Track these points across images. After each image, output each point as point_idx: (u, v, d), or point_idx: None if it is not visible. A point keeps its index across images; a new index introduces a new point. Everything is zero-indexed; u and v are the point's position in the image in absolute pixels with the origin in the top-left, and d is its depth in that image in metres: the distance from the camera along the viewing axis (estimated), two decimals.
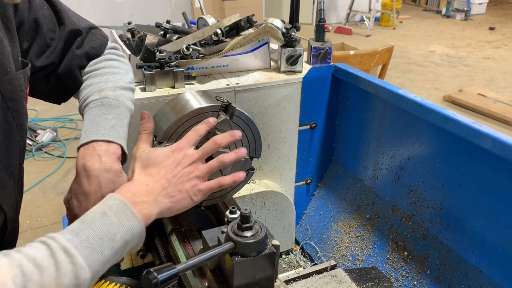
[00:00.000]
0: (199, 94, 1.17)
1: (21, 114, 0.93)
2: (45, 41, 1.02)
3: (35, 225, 2.92)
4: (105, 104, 1.01)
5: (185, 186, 0.86)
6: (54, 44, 1.04)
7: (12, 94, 0.89)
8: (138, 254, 1.43)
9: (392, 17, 8.55)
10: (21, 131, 0.94)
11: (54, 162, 3.68)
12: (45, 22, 1.02)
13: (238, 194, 1.47)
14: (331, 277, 1.16)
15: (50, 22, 1.04)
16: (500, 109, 4.57)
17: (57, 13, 1.05)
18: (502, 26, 8.98)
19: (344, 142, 1.74)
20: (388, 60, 3.02)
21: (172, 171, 0.86)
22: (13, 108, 0.90)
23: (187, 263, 0.77)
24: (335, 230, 1.70)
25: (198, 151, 0.91)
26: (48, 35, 1.03)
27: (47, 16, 1.03)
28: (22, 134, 0.95)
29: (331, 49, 1.59)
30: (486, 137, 1.12)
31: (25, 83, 0.94)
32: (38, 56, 1.02)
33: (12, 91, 0.89)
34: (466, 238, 1.27)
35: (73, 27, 1.07)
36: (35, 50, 1.01)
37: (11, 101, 0.89)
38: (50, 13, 1.05)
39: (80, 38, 1.09)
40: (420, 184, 1.41)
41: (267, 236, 0.83)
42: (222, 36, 1.50)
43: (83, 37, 1.09)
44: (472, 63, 6.50)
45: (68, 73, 1.07)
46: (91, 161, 0.92)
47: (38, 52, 1.02)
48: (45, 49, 1.03)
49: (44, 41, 1.02)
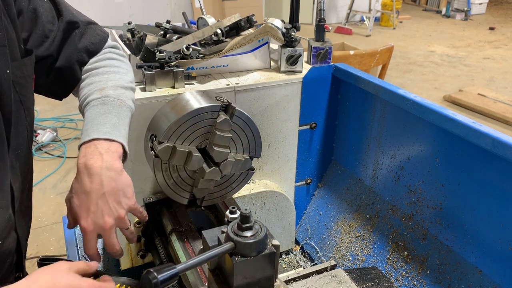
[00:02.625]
0: (199, 94, 1.17)
1: (29, 99, 0.94)
2: (43, 32, 1.03)
3: (35, 225, 2.92)
4: (106, 103, 1.01)
5: None
6: (52, 36, 1.04)
7: (20, 79, 0.90)
8: (138, 254, 1.43)
9: (392, 17, 8.55)
10: (28, 115, 0.95)
11: (54, 162, 3.68)
12: (44, 14, 1.03)
13: (238, 194, 1.47)
14: (331, 277, 1.16)
15: (49, 15, 1.04)
16: (500, 109, 4.57)
17: (57, 6, 1.06)
18: (502, 26, 8.98)
19: (344, 142, 1.74)
20: (388, 60, 3.02)
21: None
22: (21, 93, 0.91)
23: (187, 263, 0.77)
24: (335, 230, 1.70)
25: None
26: (46, 26, 1.03)
27: (47, 8, 1.04)
28: (30, 118, 0.96)
29: (331, 49, 1.59)
30: (486, 137, 1.12)
31: (32, 69, 0.96)
32: (37, 46, 1.02)
33: (20, 76, 0.90)
34: (466, 238, 1.27)
35: (71, 18, 1.08)
36: (34, 40, 1.01)
37: (19, 86, 0.90)
38: (50, 6, 1.05)
39: (79, 30, 1.09)
40: (420, 184, 1.41)
41: (267, 236, 0.83)
42: (222, 36, 1.50)
43: (82, 31, 1.10)
44: (472, 63, 6.50)
45: (68, 66, 1.07)
46: (92, 159, 0.92)
47: (37, 42, 1.02)
48: (43, 39, 1.03)
49: (42, 31, 1.02)
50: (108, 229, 0.93)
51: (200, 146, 1.14)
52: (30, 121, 0.97)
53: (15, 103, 0.89)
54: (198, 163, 1.13)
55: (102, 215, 0.92)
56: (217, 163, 1.15)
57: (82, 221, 0.92)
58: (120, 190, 0.94)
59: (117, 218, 0.94)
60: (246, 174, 1.25)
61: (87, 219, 0.92)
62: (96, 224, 0.92)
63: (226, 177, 1.22)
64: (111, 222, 0.93)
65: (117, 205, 0.94)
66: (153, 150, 1.11)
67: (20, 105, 0.92)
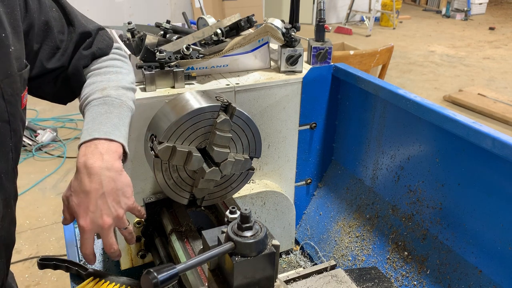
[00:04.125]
0: (199, 94, 1.17)
1: (16, 119, 0.92)
2: (55, 43, 1.02)
3: (35, 225, 2.93)
4: (107, 103, 1.01)
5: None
6: (64, 46, 1.04)
7: (11, 97, 0.88)
8: (138, 254, 1.43)
9: (392, 17, 8.55)
10: (14, 136, 0.93)
11: (54, 162, 3.68)
12: (55, 24, 1.02)
13: (238, 194, 1.47)
14: (331, 277, 1.16)
15: (59, 24, 1.04)
16: (500, 109, 4.57)
17: (66, 15, 1.06)
18: (502, 26, 8.99)
19: (344, 142, 1.74)
20: (388, 60, 3.02)
21: None
22: (10, 112, 0.89)
23: (187, 263, 0.76)
24: (335, 230, 1.70)
25: None
26: (58, 37, 1.02)
27: (56, 18, 1.03)
28: (16, 139, 0.94)
29: (331, 49, 1.59)
30: (486, 137, 1.12)
31: (21, 86, 0.93)
32: (48, 58, 1.02)
33: (11, 94, 0.88)
34: (466, 238, 1.27)
35: (84, 29, 1.07)
36: (45, 52, 1.01)
37: (10, 105, 0.88)
38: (59, 14, 1.05)
39: (89, 40, 1.09)
40: (420, 184, 1.41)
41: (267, 236, 0.83)
42: (222, 36, 1.50)
43: (92, 39, 1.10)
44: (472, 63, 6.50)
45: (75, 73, 1.07)
46: (92, 159, 0.92)
47: (49, 54, 1.01)
48: (55, 51, 1.03)
49: (54, 43, 1.02)
50: (107, 228, 0.93)
51: (200, 146, 1.14)
52: (16, 142, 0.94)
53: (2, 124, 0.87)
54: (198, 163, 1.13)
55: (101, 214, 0.92)
56: (217, 163, 1.15)
57: (81, 220, 0.92)
58: (120, 190, 0.94)
59: (116, 218, 0.94)
60: (246, 174, 1.25)
61: (85, 218, 0.92)
62: (95, 223, 0.92)
63: (226, 177, 1.22)
64: (110, 222, 0.93)
65: (116, 205, 0.94)
66: (153, 150, 1.11)
67: (7, 125, 0.89)
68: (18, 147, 0.96)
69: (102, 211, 0.92)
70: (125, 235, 1.02)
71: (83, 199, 0.92)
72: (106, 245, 0.96)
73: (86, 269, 1.20)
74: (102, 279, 1.17)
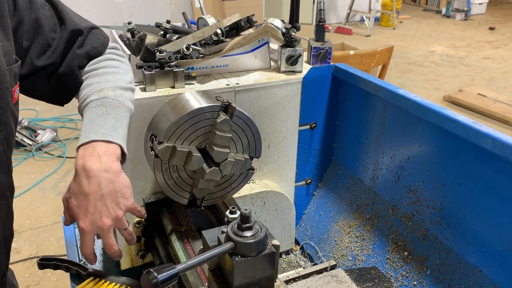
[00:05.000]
0: (199, 94, 1.17)
1: (6, 112, 0.92)
2: (46, 41, 1.02)
3: (35, 225, 2.93)
4: (105, 104, 1.01)
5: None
6: (55, 44, 1.04)
7: (0, 91, 0.88)
8: (138, 254, 1.43)
9: (392, 17, 8.55)
10: (5, 129, 0.92)
11: (54, 162, 3.68)
12: (46, 22, 1.02)
13: (238, 194, 1.47)
14: (331, 277, 1.16)
15: (51, 22, 1.04)
16: (500, 109, 4.57)
17: (58, 13, 1.05)
18: (502, 26, 8.99)
19: (344, 142, 1.74)
20: (388, 60, 3.02)
21: None
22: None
23: (187, 263, 0.76)
24: (335, 230, 1.70)
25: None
26: (49, 35, 1.02)
27: (48, 16, 1.03)
28: (6, 132, 0.93)
29: (331, 49, 1.59)
30: (486, 137, 1.12)
31: (11, 80, 0.93)
32: (39, 55, 1.01)
33: (0, 88, 0.88)
34: (466, 238, 1.27)
35: (75, 27, 1.07)
36: (35, 50, 1.01)
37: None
38: (51, 13, 1.04)
39: (81, 37, 1.09)
40: (420, 184, 1.41)
41: (267, 236, 0.83)
42: (222, 36, 1.50)
43: (84, 37, 1.09)
44: (472, 63, 6.50)
45: (69, 72, 1.07)
46: (90, 161, 0.92)
47: (39, 51, 1.01)
48: (46, 48, 1.02)
49: (45, 41, 1.02)
50: (106, 229, 0.93)
51: (200, 146, 1.14)
52: (7, 135, 0.94)
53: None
54: (198, 163, 1.13)
55: (101, 216, 0.92)
56: (217, 163, 1.15)
57: (81, 222, 0.92)
58: (118, 191, 0.94)
59: (115, 219, 0.95)
60: (246, 174, 1.25)
61: (85, 220, 0.92)
62: (94, 225, 0.92)
63: (226, 177, 1.22)
64: (109, 223, 0.93)
65: (115, 206, 0.94)
66: (153, 150, 1.11)
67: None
68: (9, 141, 0.96)
69: (101, 212, 0.92)
70: (125, 236, 1.02)
71: (82, 201, 0.92)
72: (106, 246, 0.96)
73: (86, 269, 1.20)
74: (102, 279, 1.17)
